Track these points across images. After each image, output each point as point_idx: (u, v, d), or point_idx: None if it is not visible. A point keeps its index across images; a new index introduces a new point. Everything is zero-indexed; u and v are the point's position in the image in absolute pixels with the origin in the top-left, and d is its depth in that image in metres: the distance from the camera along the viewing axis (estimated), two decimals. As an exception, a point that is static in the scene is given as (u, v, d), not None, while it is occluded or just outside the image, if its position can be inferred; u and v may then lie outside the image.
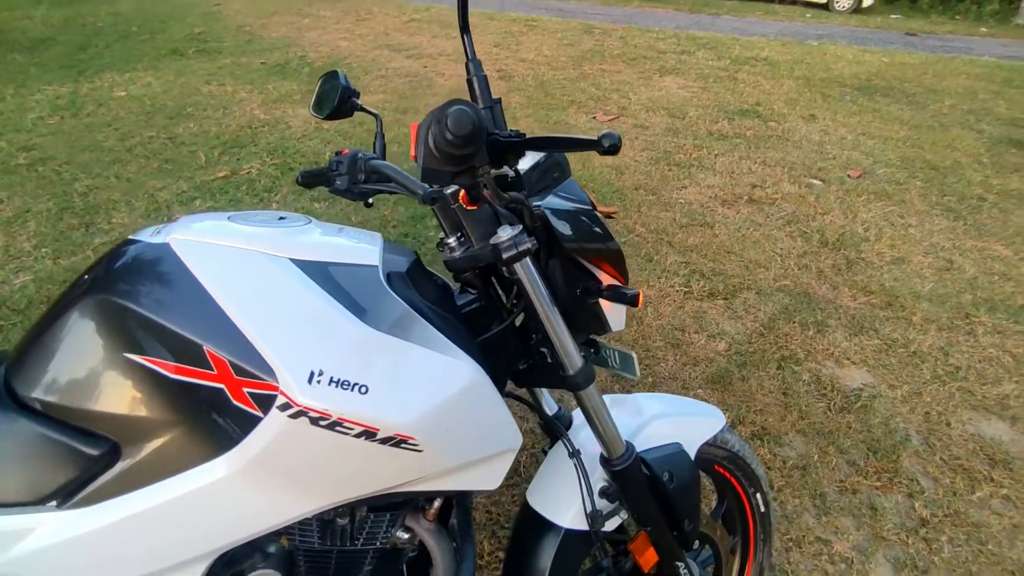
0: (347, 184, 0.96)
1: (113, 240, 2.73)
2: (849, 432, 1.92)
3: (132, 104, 4.53)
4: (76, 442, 0.70)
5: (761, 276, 2.73)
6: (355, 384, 0.66)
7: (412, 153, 0.65)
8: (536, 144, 0.70)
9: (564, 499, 0.98)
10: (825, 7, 12.67)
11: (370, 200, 1.02)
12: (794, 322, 2.42)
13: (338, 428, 0.66)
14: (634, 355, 0.91)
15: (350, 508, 0.86)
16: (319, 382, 0.65)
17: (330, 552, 0.89)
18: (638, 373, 0.93)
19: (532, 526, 1.01)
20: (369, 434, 0.67)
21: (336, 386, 0.66)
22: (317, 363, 0.66)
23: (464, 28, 0.73)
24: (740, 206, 3.39)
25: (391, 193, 0.99)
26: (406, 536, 0.91)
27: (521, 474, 1.71)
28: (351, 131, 4.14)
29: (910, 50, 8.28)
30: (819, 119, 4.95)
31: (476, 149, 0.61)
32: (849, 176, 3.84)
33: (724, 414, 1.16)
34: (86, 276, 0.74)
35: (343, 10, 8.60)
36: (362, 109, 1.04)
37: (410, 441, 0.69)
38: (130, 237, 0.77)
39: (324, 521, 0.86)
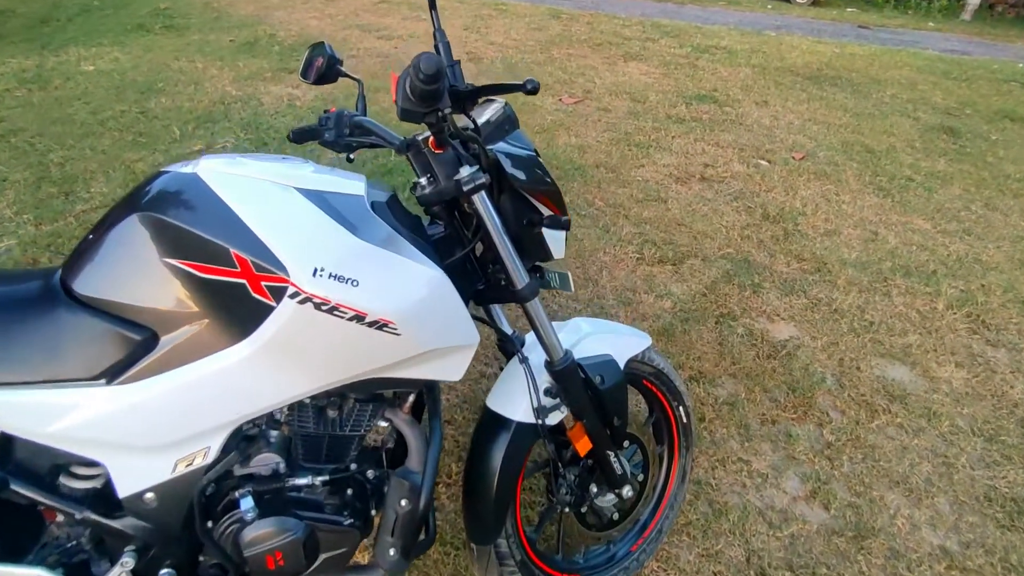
0: (334, 136, 1.14)
1: (94, 207, 2.83)
2: (773, 375, 2.19)
3: (101, 79, 4.54)
4: (122, 330, 0.88)
5: (707, 245, 2.99)
6: (348, 279, 0.86)
7: (393, 97, 0.84)
8: (481, 90, 0.90)
9: (515, 399, 1.19)
10: (786, -1, 13.06)
11: (351, 156, 1.21)
12: (733, 284, 2.69)
13: (335, 312, 0.86)
14: (569, 274, 1.13)
15: (340, 398, 1.05)
16: (321, 276, 0.84)
17: (322, 438, 1.08)
18: (572, 288, 1.15)
19: (489, 424, 1.22)
20: (359, 318, 0.87)
21: (334, 279, 0.85)
22: (319, 261, 0.85)
23: (432, 5, 0.92)
24: (692, 183, 3.65)
25: (371, 146, 1.17)
26: (384, 425, 1.12)
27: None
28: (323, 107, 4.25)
29: (861, 42, 8.69)
30: (771, 105, 5.25)
31: (441, 88, 0.80)
32: (793, 158, 4.13)
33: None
34: (128, 198, 0.92)
35: (312, -11, 8.55)
36: (345, 75, 1.22)
37: (390, 325, 0.89)
38: (162, 169, 0.94)
39: (318, 409, 1.06)
